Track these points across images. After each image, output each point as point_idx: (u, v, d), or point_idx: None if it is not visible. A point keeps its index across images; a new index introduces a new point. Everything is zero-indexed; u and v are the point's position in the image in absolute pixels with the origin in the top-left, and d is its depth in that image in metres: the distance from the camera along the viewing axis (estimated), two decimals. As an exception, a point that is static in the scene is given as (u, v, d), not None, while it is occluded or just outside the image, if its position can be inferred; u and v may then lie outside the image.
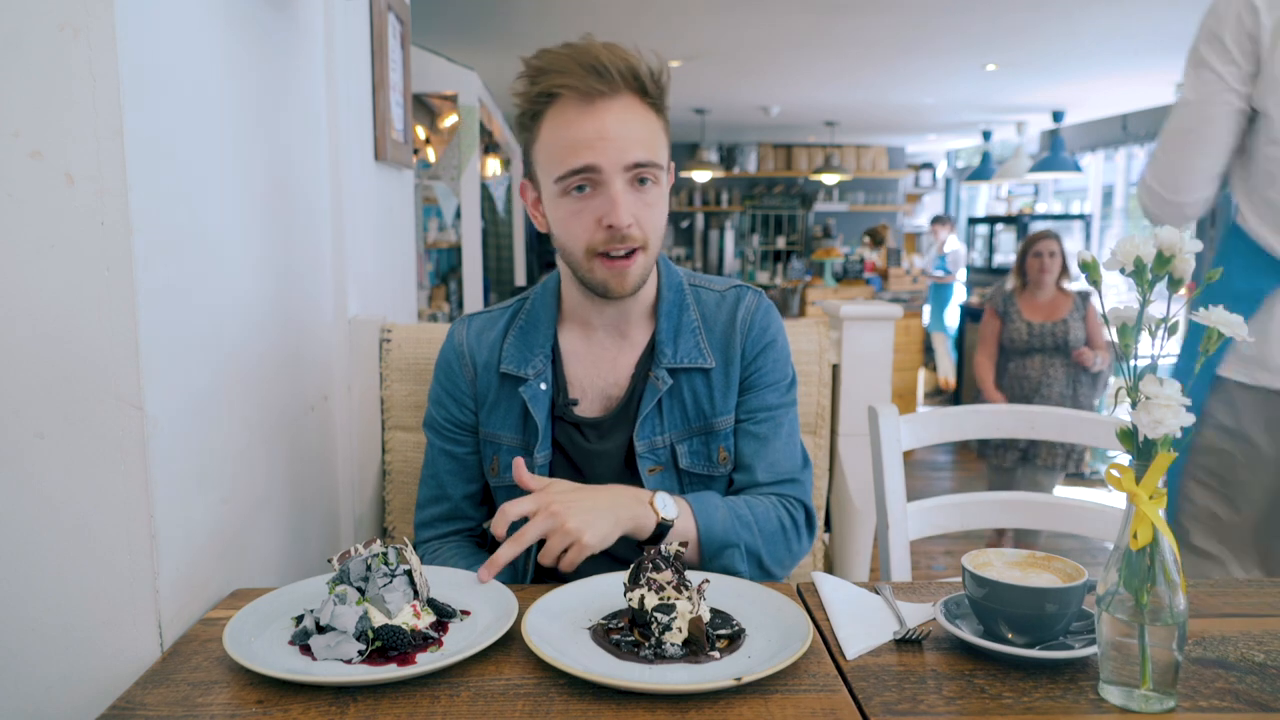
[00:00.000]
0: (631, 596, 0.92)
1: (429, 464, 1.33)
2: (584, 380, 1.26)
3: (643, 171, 1.12)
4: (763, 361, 1.25)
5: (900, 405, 1.61)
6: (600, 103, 1.10)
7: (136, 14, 0.90)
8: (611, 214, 1.11)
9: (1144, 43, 4.30)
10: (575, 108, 1.10)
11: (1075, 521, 1.43)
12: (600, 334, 1.26)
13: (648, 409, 1.22)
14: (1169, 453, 0.80)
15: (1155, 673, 0.80)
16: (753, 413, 1.26)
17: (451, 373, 1.30)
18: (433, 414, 1.32)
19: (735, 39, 4.39)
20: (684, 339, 1.24)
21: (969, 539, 3.75)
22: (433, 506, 1.32)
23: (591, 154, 1.10)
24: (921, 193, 10.58)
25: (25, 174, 0.87)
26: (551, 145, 1.13)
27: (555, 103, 1.12)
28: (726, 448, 1.26)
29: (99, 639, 0.95)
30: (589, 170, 1.10)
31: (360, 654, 0.89)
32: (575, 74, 1.09)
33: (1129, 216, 7.15)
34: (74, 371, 0.91)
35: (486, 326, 1.30)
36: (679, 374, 1.23)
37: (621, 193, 1.11)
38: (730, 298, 1.28)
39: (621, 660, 0.89)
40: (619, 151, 1.10)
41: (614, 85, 1.10)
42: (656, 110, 1.15)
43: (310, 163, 1.45)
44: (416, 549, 1.28)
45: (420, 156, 3.86)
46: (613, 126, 1.10)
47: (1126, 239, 0.82)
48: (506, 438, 1.26)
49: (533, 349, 1.25)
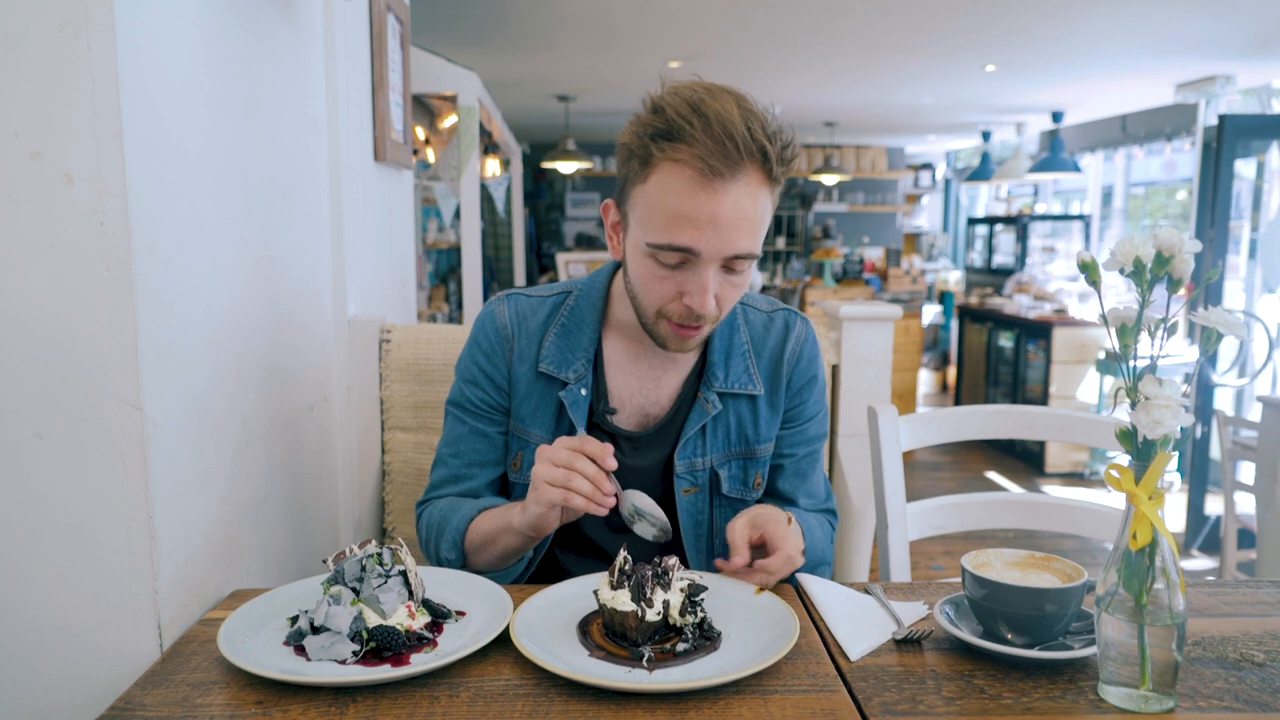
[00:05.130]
0: (611, 596, 0.93)
1: (451, 443, 1.26)
2: (624, 393, 1.23)
3: (739, 262, 1.06)
4: (807, 395, 1.26)
5: (900, 405, 1.60)
6: (719, 183, 1.00)
7: (136, 14, 0.90)
8: (697, 299, 1.06)
9: (1144, 43, 4.30)
10: (691, 179, 1.01)
11: (1075, 521, 1.43)
12: (648, 353, 1.22)
13: (692, 430, 1.20)
14: (1168, 453, 0.80)
15: (1155, 673, 0.80)
16: (795, 448, 1.27)
17: (493, 354, 1.24)
18: (465, 393, 1.25)
19: (735, 39, 4.39)
20: (734, 362, 1.22)
21: (969, 539, 3.75)
22: (448, 486, 1.26)
23: (696, 238, 1.02)
24: (921, 193, 10.57)
25: (25, 174, 0.87)
26: (656, 207, 1.04)
27: (670, 164, 1.02)
28: (763, 475, 1.26)
29: (98, 639, 0.95)
30: (687, 252, 1.04)
31: (355, 654, 0.89)
32: (702, 145, 0.99)
33: (1128, 217, 7.15)
34: (73, 372, 0.91)
35: (529, 312, 1.24)
36: (727, 398, 1.22)
37: (712, 278, 1.05)
38: (779, 322, 1.26)
39: (618, 663, 0.89)
40: (724, 242, 1.03)
41: (739, 164, 1.00)
42: (774, 186, 1.06)
43: (310, 163, 1.45)
44: (419, 516, 1.27)
45: (420, 157, 3.86)
46: (726, 211, 1.01)
47: (1126, 239, 0.82)
48: (536, 436, 1.23)
49: (575, 351, 1.21)
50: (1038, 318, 5.77)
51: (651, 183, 1.04)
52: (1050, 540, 3.98)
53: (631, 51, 4.68)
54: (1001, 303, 6.37)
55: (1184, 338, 4.70)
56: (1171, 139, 5.98)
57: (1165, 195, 7.02)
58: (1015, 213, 8.02)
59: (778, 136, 1.04)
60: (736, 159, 1.00)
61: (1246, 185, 4.81)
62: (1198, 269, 1.00)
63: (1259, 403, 2.90)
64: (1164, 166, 6.77)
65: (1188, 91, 5.23)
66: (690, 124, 1.00)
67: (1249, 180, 4.81)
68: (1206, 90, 5.09)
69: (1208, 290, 4.14)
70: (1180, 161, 6.52)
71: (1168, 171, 6.78)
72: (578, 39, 4.35)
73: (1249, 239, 4.83)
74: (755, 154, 1.01)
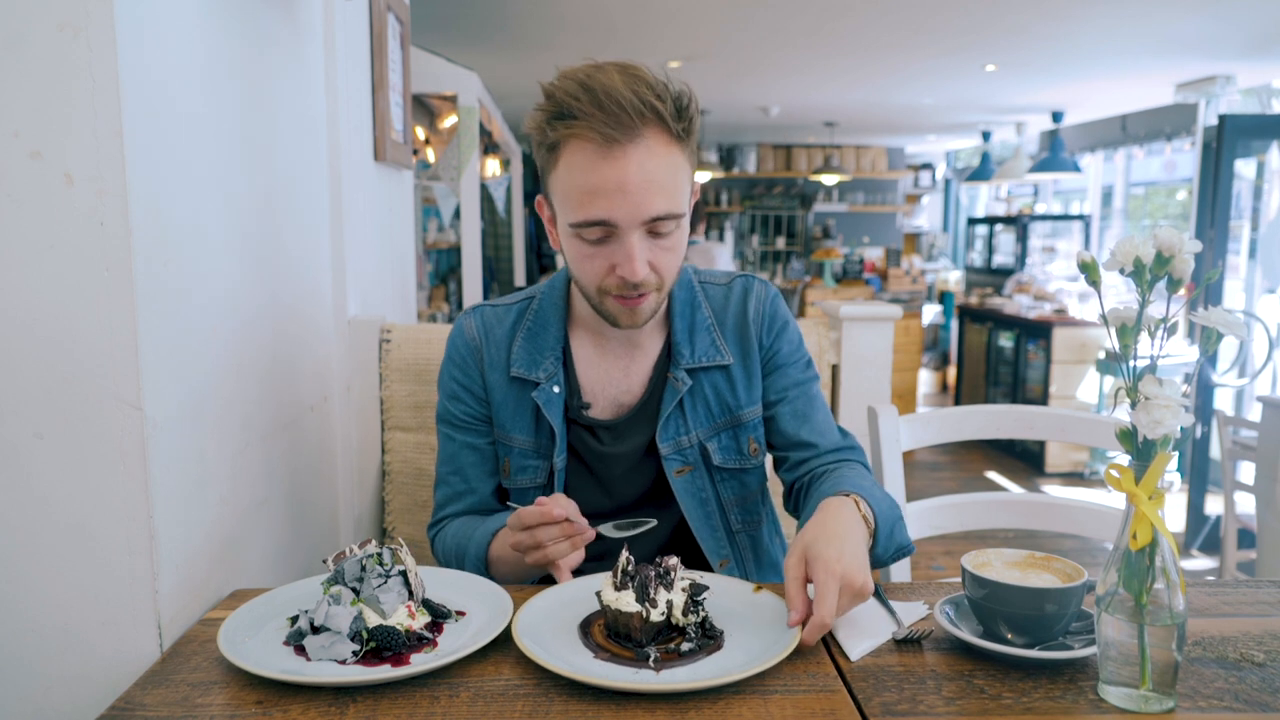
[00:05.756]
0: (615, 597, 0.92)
1: (448, 460, 1.29)
2: (595, 386, 1.24)
3: (661, 224, 1.07)
4: (779, 344, 1.26)
5: (900, 405, 1.61)
6: (618, 150, 1.02)
7: (136, 14, 0.90)
8: (626, 268, 1.07)
9: (1144, 43, 4.30)
10: (592, 153, 1.03)
11: (1075, 521, 1.43)
12: (614, 343, 1.24)
13: (668, 410, 1.21)
14: (1168, 453, 0.80)
15: (1155, 673, 0.80)
16: (783, 391, 1.26)
17: (466, 366, 1.26)
18: (449, 409, 1.28)
19: (735, 39, 4.39)
20: (699, 337, 1.23)
21: (969, 539, 3.75)
22: (454, 504, 1.28)
23: (608, 208, 1.04)
24: (921, 193, 10.57)
25: (25, 174, 0.87)
26: (567, 187, 1.06)
27: (571, 142, 1.05)
28: (756, 438, 1.26)
29: (98, 639, 0.95)
30: (604, 224, 1.05)
31: (355, 654, 0.89)
32: (593, 118, 1.01)
33: (1128, 217, 7.15)
34: (73, 372, 0.91)
35: (494, 321, 1.27)
36: (697, 373, 1.23)
37: (637, 244, 1.06)
38: (737, 289, 1.27)
39: (619, 664, 0.89)
40: (636, 206, 1.04)
41: (633, 128, 1.02)
42: (681, 142, 1.07)
43: (310, 163, 1.45)
44: (434, 540, 1.28)
45: (420, 157, 3.86)
46: (632, 176, 1.03)
47: (1126, 239, 0.82)
48: (519, 440, 1.25)
49: (543, 351, 1.23)
50: (1038, 318, 5.77)
51: (560, 166, 1.07)
52: (1050, 540, 3.98)
53: (631, 51, 4.68)
54: (1001, 303, 6.37)
55: (1184, 338, 4.70)
56: (1171, 139, 5.98)
57: (1165, 195, 7.02)
58: (1015, 213, 8.02)
59: (670, 95, 1.05)
60: (630, 123, 1.02)
61: (1246, 185, 4.81)
62: (1198, 269, 1.00)
63: (1259, 403, 2.90)
64: (1164, 166, 6.77)
65: (1188, 91, 5.23)
66: (579, 100, 1.02)
67: (1249, 180, 4.81)
68: (1206, 90, 5.09)
69: (1208, 290, 4.14)
70: (1180, 161, 6.52)
71: (1168, 171, 6.78)
72: (578, 39, 4.35)
73: (1249, 239, 4.83)
74: (648, 114, 1.03)
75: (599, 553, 1.19)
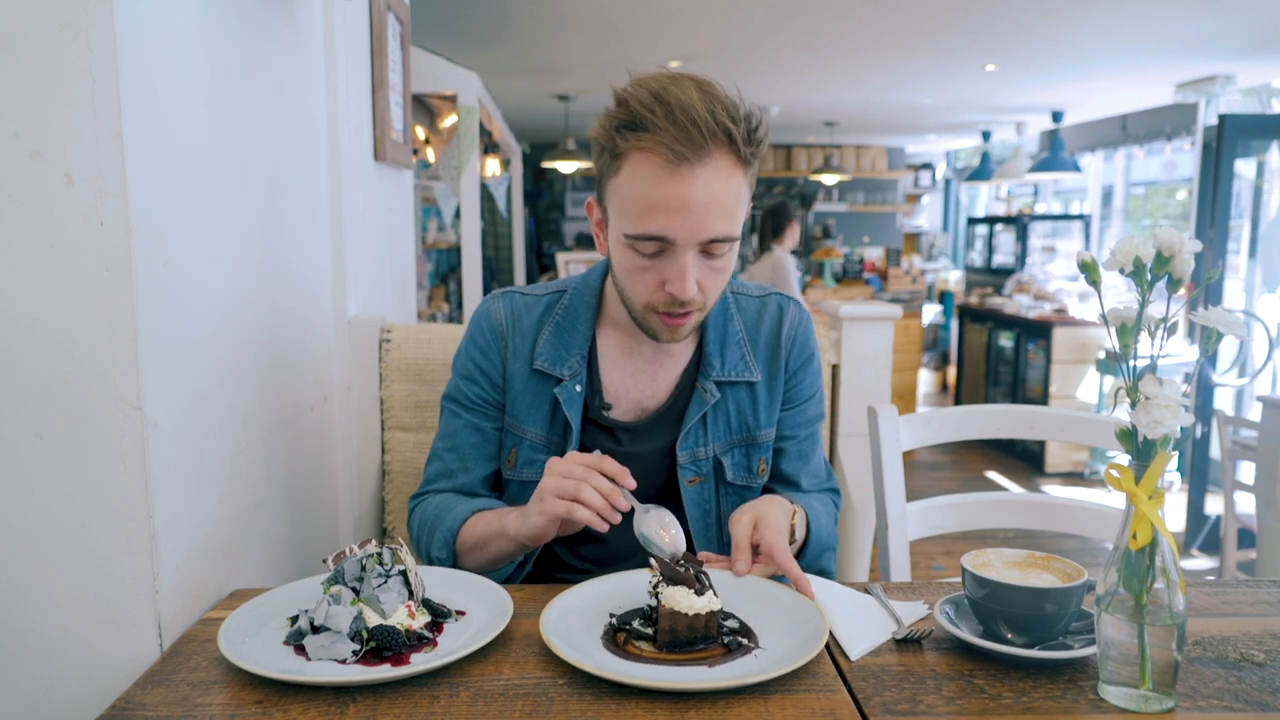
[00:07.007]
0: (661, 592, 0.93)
1: (448, 437, 1.27)
2: (619, 388, 1.23)
3: (717, 246, 1.06)
4: (803, 375, 1.27)
5: (900, 405, 1.61)
6: (686, 168, 1.01)
7: (136, 14, 0.90)
8: (677, 285, 1.06)
9: (1144, 43, 4.30)
10: (659, 167, 1.02)
11: (1075, 521, 1.43)
12: (644, 347, 1.23)
13: (692, 420, 1.21)
14: (1168, 453, 0.80)
15: (1155, 673, 0.80)
16: (795, 430, 1.27)
17: (488, 350, 1.24)
18: (461, 389, 1.26)
19: (735, 39, 4.39)
20: (730, 351, 1.23)
21: (969, 539, 3.75)
22: (443, 480, 1.26)
23: (668, 225, 1.03)
24: (921, 193, 10.57)
25: (25, 174, 0.87)
26: (628, 197, 1.05)
27: (638, 153, 1.03)
28: (766, 460, 1.26)
29: (98, 640, 0.95)
30: (661, 240, 1.05)
31: (355, 654, 0.89)
32: (665, 132, 1.00)
33: (1128, 217, 7.15)
34: (73, 372, 0.91)
35: (524, 310, 1.25)
36: (725, 386, 1.22)
37: (691, 264, 1.06)
38: (771, 307, 1.27)
39: (625, 659, 0.89)
40: (698, 226, 1.03)
41: (704, 147, 1.01)
42: (747, 165, 1.07)
43: (310, 163, 1.45)
44: (413, 510, 1.27)
45: (420, 157, 3.86)
46: (696, 195, 1.02)
47: (1126, 239, 0.82)
48: (530, 432, 1.23)
49: (570, 349, 1.22)
50: (1038, 317, 5.77)
51: (623, 175, 1.06)
52: (1050, 540, 3.98)
53: (631, 51, 4.68)
54: (1001, 302, 6.37)
55: (1184, 337, 4.70)
56: (1171, 139, 5.98)
57: (1165, 195, 7.02)
58: (1015, 212, 8.02)
59: (742, 117, 1.04)
60: (701, 143, 1.01)
61: (1246, 185, 4.81)
62: (1198, 269, 1.00)
63: (1259, 403, 2.90)
64: (1164, 166, 6.77)
65: (1188, 91, 5.23)
66: (653, 112, 1.01)
67: (1249, 180, 4.81)
68: (1206, 90, 5.09)
69: (1208, 290, 4.14)
70: (1180, 161, 6.52)
71: (1168, 171, 6.78)
72: (578, 39, 4.35)
73: (1249, 239, 4.83)
74: (720, 136, 1.02)
75: (600, 555, 1.19)
